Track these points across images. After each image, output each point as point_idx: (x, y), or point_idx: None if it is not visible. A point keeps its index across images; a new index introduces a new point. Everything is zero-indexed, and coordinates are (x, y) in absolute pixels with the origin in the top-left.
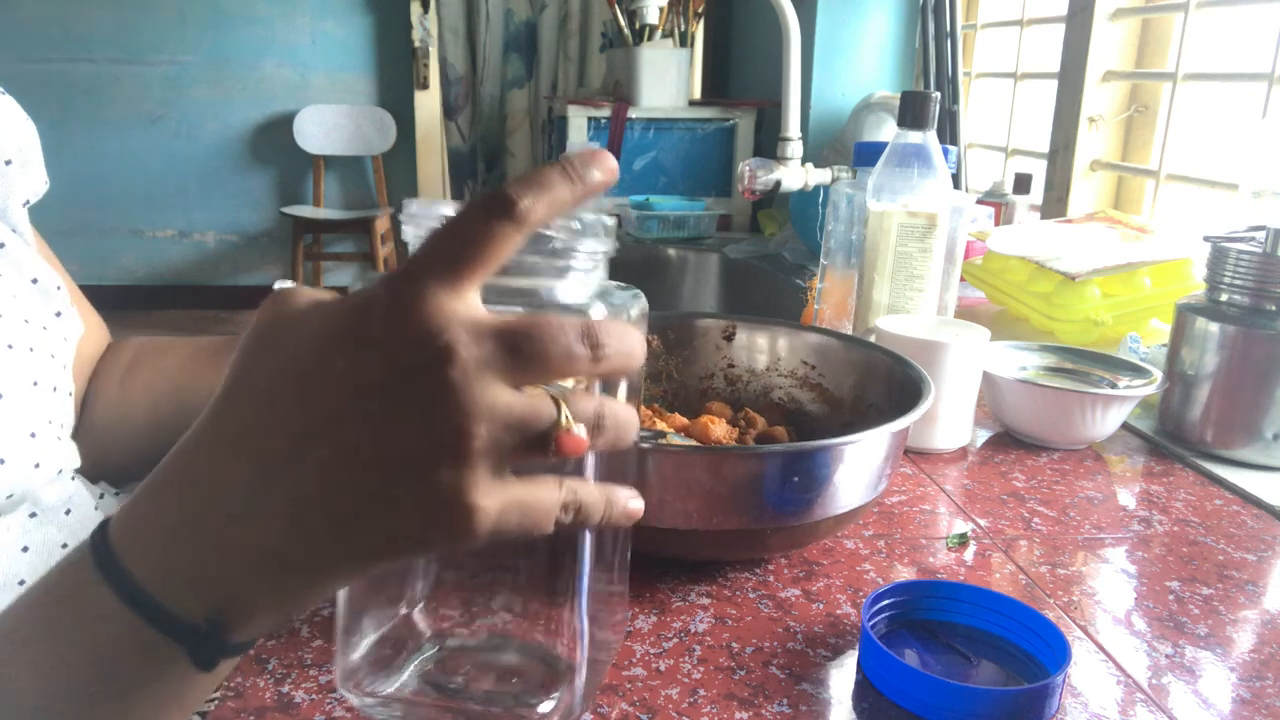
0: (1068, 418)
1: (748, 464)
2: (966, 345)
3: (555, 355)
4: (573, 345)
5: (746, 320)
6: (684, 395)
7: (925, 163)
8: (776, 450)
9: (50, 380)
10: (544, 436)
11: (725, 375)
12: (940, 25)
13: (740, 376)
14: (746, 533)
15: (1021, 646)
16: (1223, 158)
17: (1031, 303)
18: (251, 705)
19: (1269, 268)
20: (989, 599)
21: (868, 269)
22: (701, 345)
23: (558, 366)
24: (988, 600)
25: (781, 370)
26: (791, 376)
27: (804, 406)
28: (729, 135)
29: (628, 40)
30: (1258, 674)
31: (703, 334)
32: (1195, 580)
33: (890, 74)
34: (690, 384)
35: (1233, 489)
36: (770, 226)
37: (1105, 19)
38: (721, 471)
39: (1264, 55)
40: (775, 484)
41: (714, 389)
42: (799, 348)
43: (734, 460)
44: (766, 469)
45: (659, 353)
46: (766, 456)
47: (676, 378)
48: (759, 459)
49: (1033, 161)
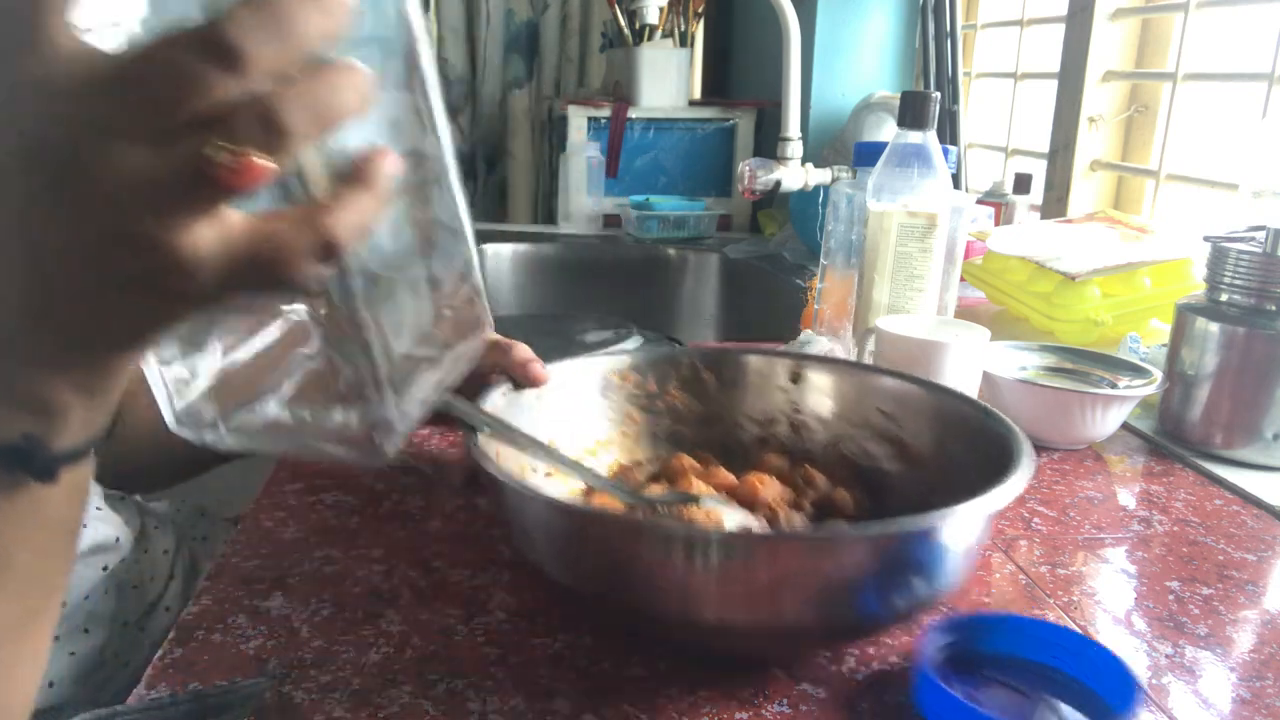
0: (1068, 418)
1: (790, 555)
2: (966, 345)
3: (164, 80)
4: (183, 62)
5: (814, 360)
6: (741, 444)
7: (925, 163)
8: (829, 537)
9: None
10: (194, 181)
11: (791, 422)
12: (940, 25)
13: (806, 424)
14: (786, 633)
15: (1083, 681)
16: (1223, 158)
17: (1031, 303)
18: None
19: (1269, 268)
20: (1046, 631)
21: (868, 269)
22: (763, 386)
23: (178, 93)
24: (1044, 632)
25: (853, 419)
26: (865, 426)
27: (879, 463)
28: (729, 135)
29: (628, 40)
30: (1258, 674)
31: (764, 373)
32: (1195, 580)
33: (890, 74)
34: (749, 430)
35: (1233, 489)
36: (770, 226)
37: (1105, 19)
38: (759, 563)
39: (1264, 55)
40: (835, 583)
41: (776, 437)
42: (873, 392)
43: (771, 549)
44: (821, 564)
45: (713, 390)
46: (821, 545)
47: (729, 420)
48: (805, 549)
49: (1033, 161)
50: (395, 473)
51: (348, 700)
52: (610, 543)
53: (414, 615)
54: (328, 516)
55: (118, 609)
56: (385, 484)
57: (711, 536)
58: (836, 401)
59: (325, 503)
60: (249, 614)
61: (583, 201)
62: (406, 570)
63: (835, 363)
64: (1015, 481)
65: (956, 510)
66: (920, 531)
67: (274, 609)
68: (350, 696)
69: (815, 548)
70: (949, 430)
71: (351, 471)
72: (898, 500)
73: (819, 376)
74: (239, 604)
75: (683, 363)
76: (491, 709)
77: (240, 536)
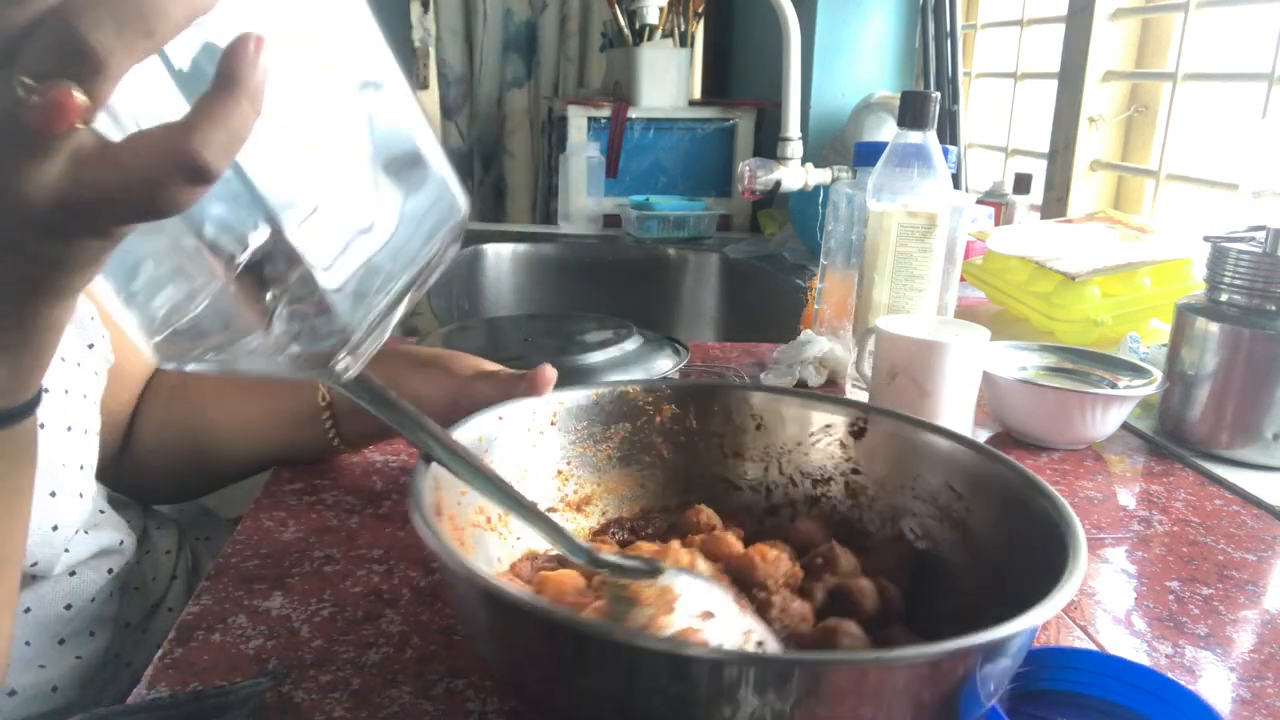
0: (1068, 418)
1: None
2: (966, 345)
3: None
4: None
5: (884, 414)
6: (789, 501)
7: (925, 163)
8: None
9: (82, 424)
10: (12, 127)
11: (848, 484)
12: (940, 25)
13: (865, 488)
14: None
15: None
16: (1223, 158)
17: (1031, 303)
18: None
19: (1269, 268)
20: (1119, 668)
21: (868, 269)
22: (818, 438)
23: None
24: (1117, 669)
25: (919, 491)
26: (931, 503)
27: (940, 549)
28: (729, 135)
29: (628, 40)
30: (1258, 674)
31: (821, 423)
32: (1195, 580)
33: (890, 74)
34: (802, 487)
35: (1233, 489)
36: (770, 226)
37: (1105, 19)
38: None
39: (1264, 55)
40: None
41: (829, 499)
42: (946, 464)
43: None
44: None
45: (747, 429)
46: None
47: (784, 474)
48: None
49: (1033, 161)
50: (395, 472)
51: (348, 700)
52: (518, 633)
53: (414, 615)
54: (328, 516)
55: (120, 610)
56: (385, 484)
57: (614, 639)
58: (903, 468)
59: (325, 503)
60: (249, 614)
61: (583, 201)
62: (406, 570)
63: (908, 421)
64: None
65: (964, 644)
66: (910, 663)
67: (274, 609)
68: (350, 696)
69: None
70: (1010, 512)
71: (351, 471)
72: (944, 596)
73: (886, 432)
74: (239, 604)
75: (724, 397)
76: (491, 709)
77: (240, 536)
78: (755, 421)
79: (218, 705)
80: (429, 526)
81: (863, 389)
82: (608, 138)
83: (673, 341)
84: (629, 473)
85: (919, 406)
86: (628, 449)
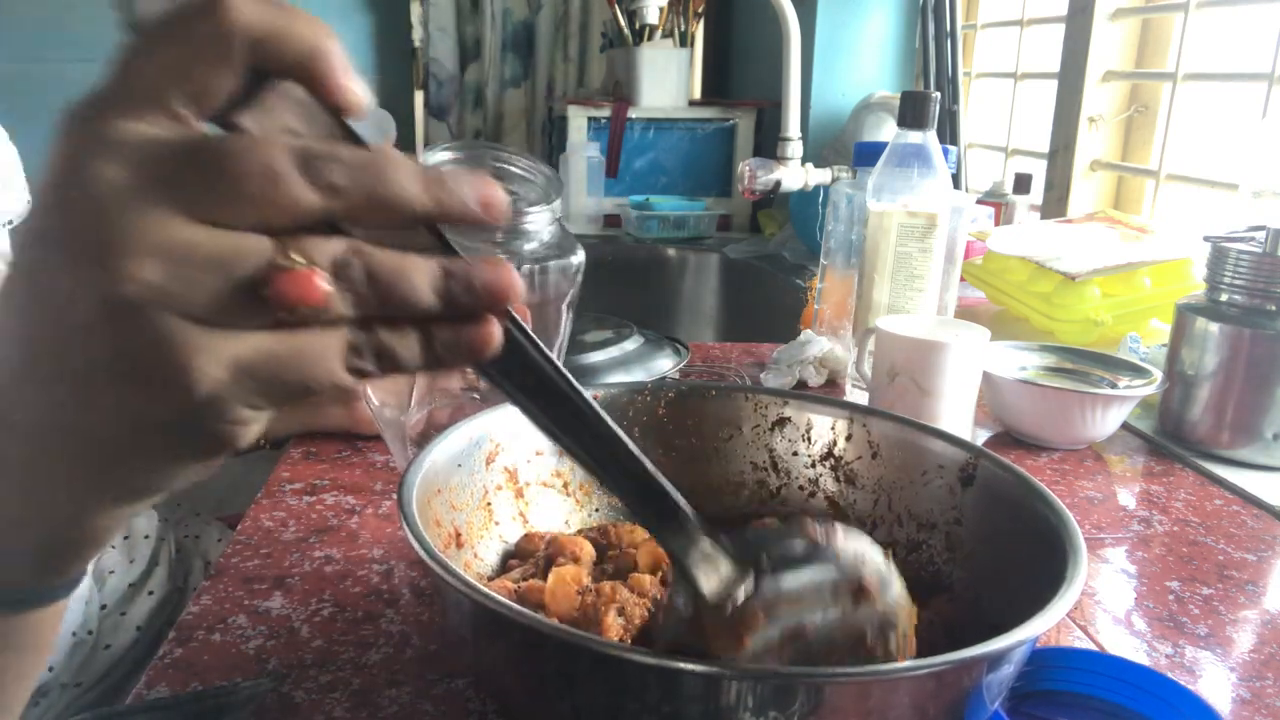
0: (1068, 418)
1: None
2: (966, 345)
3: (249, 175)
4: (276, 165)
5: (885, 415)
6: (904, 547)
7: (925, 163)
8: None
9: None
10: (255, 280)
11: (948, 535)
12: (940, 25)
13: (861, 480)
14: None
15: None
16: (1223, 158)
17: (1031, 303)
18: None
19: (1269, 268)
20: (1120, 668)
21: (868, 269)
22: (931, 479)
23: (258, 192)
24: (1118, 670)
25: (918, 491)
26: (929, 528)
27: (935, 558)
28: (729, 135)
29: (628, 40)
30: (1258, 674)
31: (935, 463)
32: (1195, 580)
33: (890, 74)
34: (909, 532)
35: (1233, 489)
36: (770, 226)
37: (1105, 19)
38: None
39: (1264, 55)
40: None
41: (933, 546)
42: (948, 465)
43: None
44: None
45: (746, 431)
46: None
47: (897, 512)
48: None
49: (1033, 161)
50: (395, 473)
51: (348, 700)
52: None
53: (414, 615)
54: (328, 516)
55: (90, 593)
56: (385, 484)
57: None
58: (899, 465)
59: (325, 503)
60: (249, 614)
61: (583, 201)
62: (406, 570)
63: (894, 420)
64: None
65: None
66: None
67: (274, 609)
68: (350, 696)
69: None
70: (1009, 524)
71: (352, 471)
72: (942, 601)
73: (999, 478)
74: (239, 604)
75: (723, 398)
76: (491, 709)
77: (240, 536)
78: (762, 423)
79: (218, 705)
80: (414, 534)
81: (863, 389)
82: (608, 138)
83: (673, 341)
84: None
85: (919, 407)
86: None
